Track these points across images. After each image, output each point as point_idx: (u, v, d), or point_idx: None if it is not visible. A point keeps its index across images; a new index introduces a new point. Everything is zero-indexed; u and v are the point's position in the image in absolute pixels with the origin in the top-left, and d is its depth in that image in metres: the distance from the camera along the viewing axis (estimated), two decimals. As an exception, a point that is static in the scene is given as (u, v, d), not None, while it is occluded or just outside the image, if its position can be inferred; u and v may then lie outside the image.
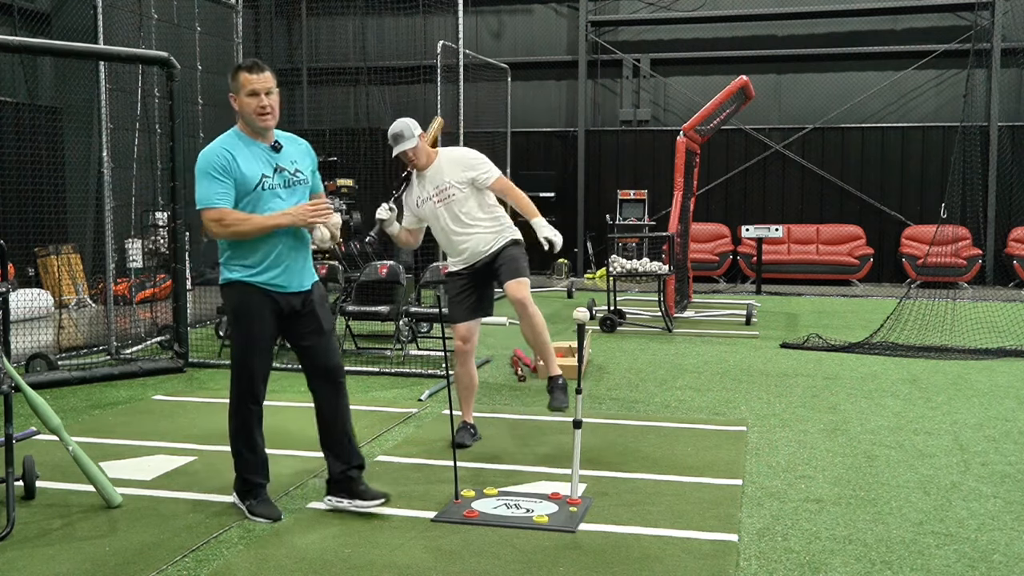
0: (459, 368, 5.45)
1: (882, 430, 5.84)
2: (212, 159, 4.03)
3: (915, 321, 9.42)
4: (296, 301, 4.20)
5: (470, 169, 5.27)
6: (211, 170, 4.01)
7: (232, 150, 4.05)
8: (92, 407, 6.52)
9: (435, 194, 5.27)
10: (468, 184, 5.25)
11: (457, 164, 5.29)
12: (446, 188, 5.25)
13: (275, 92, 4.10)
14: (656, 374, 7.70)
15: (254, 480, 4.27)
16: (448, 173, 5.27)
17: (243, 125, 4.14)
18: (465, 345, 5.37)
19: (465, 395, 5.52)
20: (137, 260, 11.42)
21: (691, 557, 3.76)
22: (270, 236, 4.08)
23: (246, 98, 4.04)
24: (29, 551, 3.83)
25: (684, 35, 16.47)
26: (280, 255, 4.12)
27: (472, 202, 5.27)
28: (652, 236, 14.17)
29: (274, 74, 4.15)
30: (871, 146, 15.72)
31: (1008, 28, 14.87)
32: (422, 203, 5.33)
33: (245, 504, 4.26)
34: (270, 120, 4.09)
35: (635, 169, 16.59)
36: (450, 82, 9.79)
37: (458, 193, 5.24)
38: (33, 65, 11.89)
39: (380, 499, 4.26)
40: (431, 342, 9.19)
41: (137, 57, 8.13)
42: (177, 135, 7.68)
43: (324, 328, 4.27)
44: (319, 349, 4.26)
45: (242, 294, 4.12)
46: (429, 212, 5.31)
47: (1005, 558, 3.78)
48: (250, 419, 4.23)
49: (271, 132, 4.16)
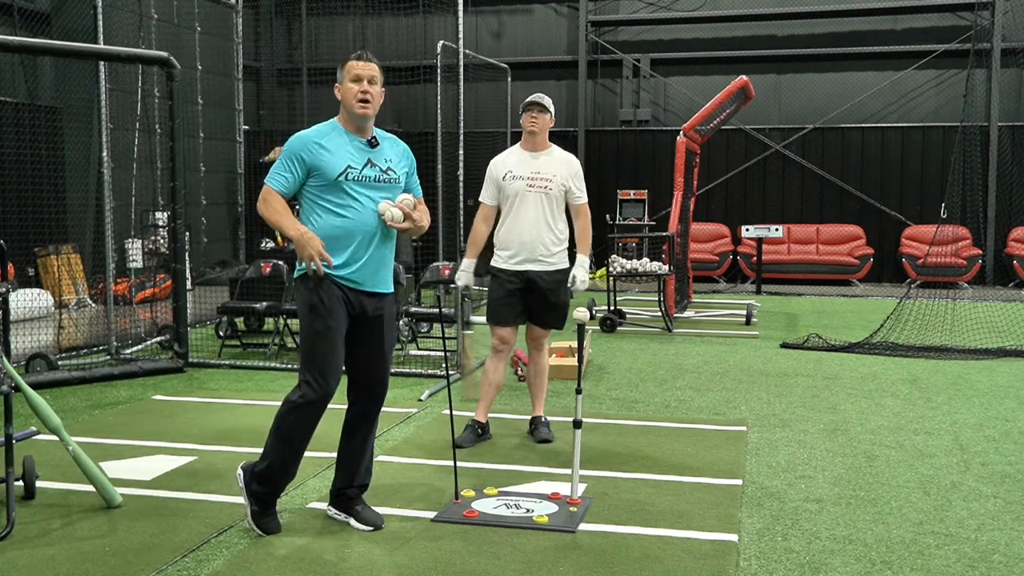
0: (490, 364, 5.49)
1: (882, 430, 5.84)
2: (295, 144, 4.01)
3: (915, 321, 9.43)
4: (368, 303, 4.04)
5: (574, 178, 5.40)
6: (288, 154, 4.01)
7: (322, 140, 3.99)
8: (92, 407, 6.52)
9: (530, 177, 5.31)
10: (564, 189, 5.35)
11: (567, 166, 5.41)
12: (548, 179, 5.32)
13: (379, 83, 4.07)
14: (656, 374, 7.70)
15: (279, 489, 4.09)
16: (557, 168, 5.36)
17: (343, 117, 4.09)
18: (502, 345, 5.43)
19: (489, 392, 5.53)
20: (137, 260, 11.42)
21: (691, 557, 3.76)
22: (348, 228, 3.97)
23: (349, 83, 4.01)
24: (29, 551, 3.83)
25: (684, 35, 16.47)
26: (356, 249, 3.99)
27: (558, 205, 5.37)
28: (652, 236, 14.17)
29: (382, 70, 4.12)
30: (871, 146, 15.72)
31: (1008, 28, 14.87)
32: (512, 178, 5.34)
33: (252, 510, 4.05)
34: (369, 108, 4.01)
35: (635, 169, 16.59)
36: (450, 82, 9.79)
37: (555, 190, 5.32)
38: (33, 65, 11.89)
39: (371, 527, 4.10)
40: (431, 342, 9.20)
41: (137, 57, 8.12)
42: (177, 135, 7.68)
43: (385, 340, 4.13)
44: (373, 363, 4.12)
45: (319, 287, 3.96)
46: (514, 190, 5.32)
47: (1005, 558, 3.78)
48: (304, 421, 3.99)
49: (370, 126, 4.07)
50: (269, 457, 4.02)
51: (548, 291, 5.35)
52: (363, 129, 4.07)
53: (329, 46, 16.66)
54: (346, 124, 4.08)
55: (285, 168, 3.99)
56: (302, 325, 4.05)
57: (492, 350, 5.46)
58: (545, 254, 5.32)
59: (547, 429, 5.56)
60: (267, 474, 4.03)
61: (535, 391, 5.63)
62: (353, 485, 4.18)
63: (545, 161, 5.36)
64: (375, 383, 4.15)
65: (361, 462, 4.19)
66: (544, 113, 5.34)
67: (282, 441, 4.00)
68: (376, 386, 4.15)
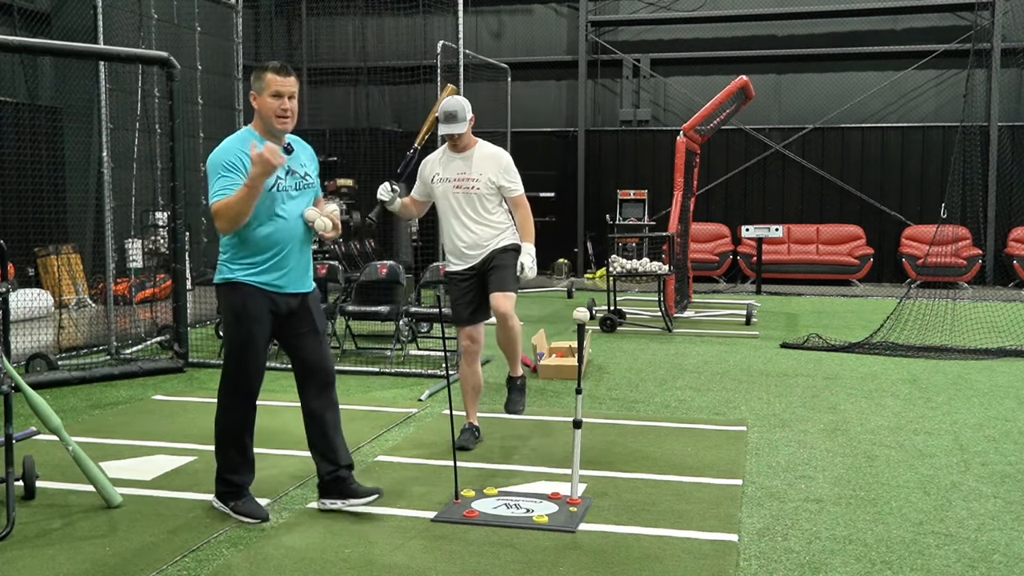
0: (465, 368, 5.42)
1: (882, 430, 5.84)
2: (222, 157, 4.00)
3: (915, 321, 9.42)
4: (294, 302, 4.20)
5: (504, 173, 5.24)
6: (224, 167, 3.98)
7: (247, 149, 4.00)
8: (92, 407, 6.52)
9: (456, 179, 5.23)
10: (494, 185, 5.24)
11: (493, 162, 5.26)
12: (474, 179, 5.22)
13: (296, 97, 4.12)
14: (656, 374, 7.70)
15: (237, 480, 4.24)
16: (481, 166, 5.24)
17: (258, 125, 4.12)
18: (473, 345, 5.36)
19: (471, 396, 5.50)
20: (137, 260, 11.42)
21: (691, 557, 3.76)
22: (277, 237, 4.07)
23: (269, 99, 4.03)
24: (29, 551, 3.83)
25: (684, 35, 16.47)
26: (285, 257, 4.12)
27: (490, 200, 5.26)
28: (652, 236, 14.16)
29: (298, 79, 4.16)
30: (871, 146, 15.73)
31: (1008, 28, 14.87)
32: (438, 181, 5.28)
33: (229, 506, 4.22)
34: (288, 124, 4.08)
35: (635, 169, 16.60)
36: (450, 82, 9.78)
37: (483, 188, 5.22)
38: (33, 65, 11.88)
39: (373, 495, 4.25)
40: (431, 342, 9.19)
41: (137, 57, 8.13)
42: (177, 135, 7.68)
43: (318, 328, 4.27)
44: (311, 349, 4.25)
45: (243, 294, 4.10)
46: (441, 192, 5.27)
47: (1005, 558, 3.78)
48: (244, 419, 4.23)
49: (285, 134, 4.15)
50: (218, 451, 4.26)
51: (494, 260, 5.25)
52: (279, 138, 4.13)
53: (329, 46, 16.66)
54: (263, 133, 4.10)
55: (224, 180, 3.95)
56: (229, 328, 4.19)
57: (464, 352, 5.39)
58: (486, 242, 5.24)
59: (520, 396, 5.46)
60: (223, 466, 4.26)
61: (510, 355, 5.45)
62: (341, 466, 4.28)
63: (467, 160, 5.24)
64: (320, 369, 4.28)
65: (338, 443, 4.30)
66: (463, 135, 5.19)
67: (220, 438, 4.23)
68: (321, 372, 4.27)
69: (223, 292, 4.18)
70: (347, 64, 16.42)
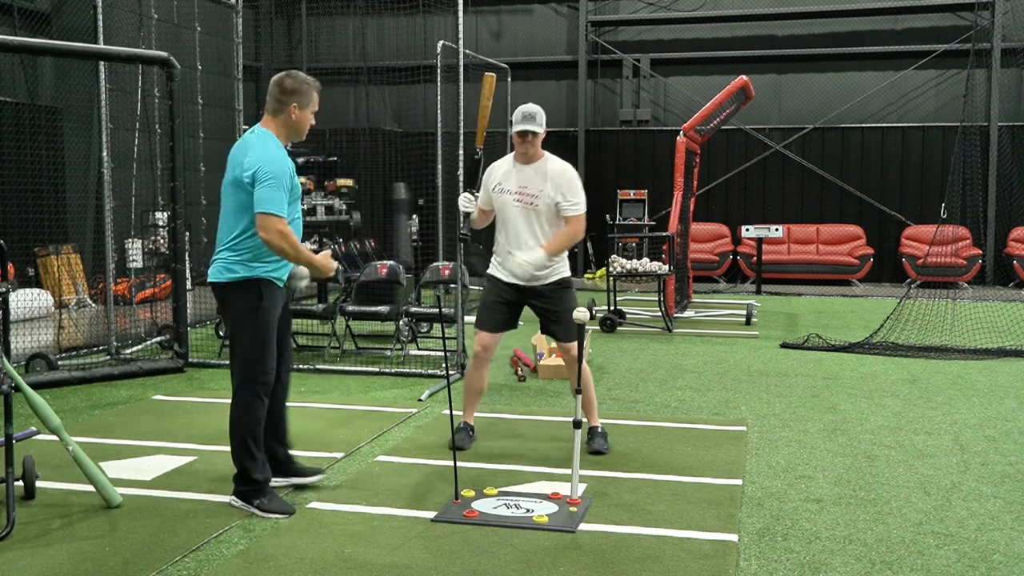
0: (472, 372, 5.39)
1: (882, 430, 5.84)
2: (283, 168, 4.11)
3: (915, 321, 9.43)
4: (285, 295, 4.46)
5: (567, 191, 5.09)
6: (286, 177, 4.11)
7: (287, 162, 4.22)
8: (92, 407, 6.52)
9: (518, 191, 5.12)
10: (553, 202, 5.10)
11: (557, 178, 5.12)
12: (535, 195, 5.09)
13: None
14: (656, 374, 7.70)
15: (261, 478, 4.28)
16: (544, 181, 5.10)
17: (281, 132, 4.26)
18: (484, 352, 5.30)
19: (472, 399, 5.49)
20: (137, 260, 11.42)
21: (691, 557, 3.76)
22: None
23: (310, 114, 4.28)
24: (29, 551, 3.83)
25: (684, 35, 16.47)
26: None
27: (548, 219, 5.13)
28: (652, 236, 14.16)
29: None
30: (871, 146, 15.72)
31: (1008, 28, 14.87)
32: (500, 191, 5.18)
33: (254, 504, 4.24)
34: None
35: (635, 169, 16.59)
36: (450, 82, 9.77)
37: (542, 205, 5.10)
38: (33, 65, 11.88)
39: (319, 475, 4.63)
40: (431, 342, 9.19)
41: (137, 57, 8.13)
42: (177, 135, 7.68)
43: (290, 323, 4.63)
44: (284, 334, 4.49)
45: (267, 288, 4.23)
46: (501, 203, 5.18)
47: (1005, 558, 3.78)
48: (263, 415, 4.30)
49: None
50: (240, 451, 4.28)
51: (549, 300, 5.17)
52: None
53: (329, 46, 16.66)
54: (284, 141, 4.30)
55: (283, 192, 4.11)
56: (248, 326, 4.23)
57: (474, 357, 5.34)
58: (542, 271, 5.13)
59: (602, 440, 5.29)
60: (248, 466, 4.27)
61: (587, 405, 5.29)
62: (288, 448, 4.58)
63: (533, 173, 5.13)
64: (286, 351, 4.53)
65: (287, 424, 4.59)
66: (536, 136, 5.11)
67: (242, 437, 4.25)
68: (287, 352, 4.55)
69: (237, 290, 4.21)
70: (347, 64, 16.41)
